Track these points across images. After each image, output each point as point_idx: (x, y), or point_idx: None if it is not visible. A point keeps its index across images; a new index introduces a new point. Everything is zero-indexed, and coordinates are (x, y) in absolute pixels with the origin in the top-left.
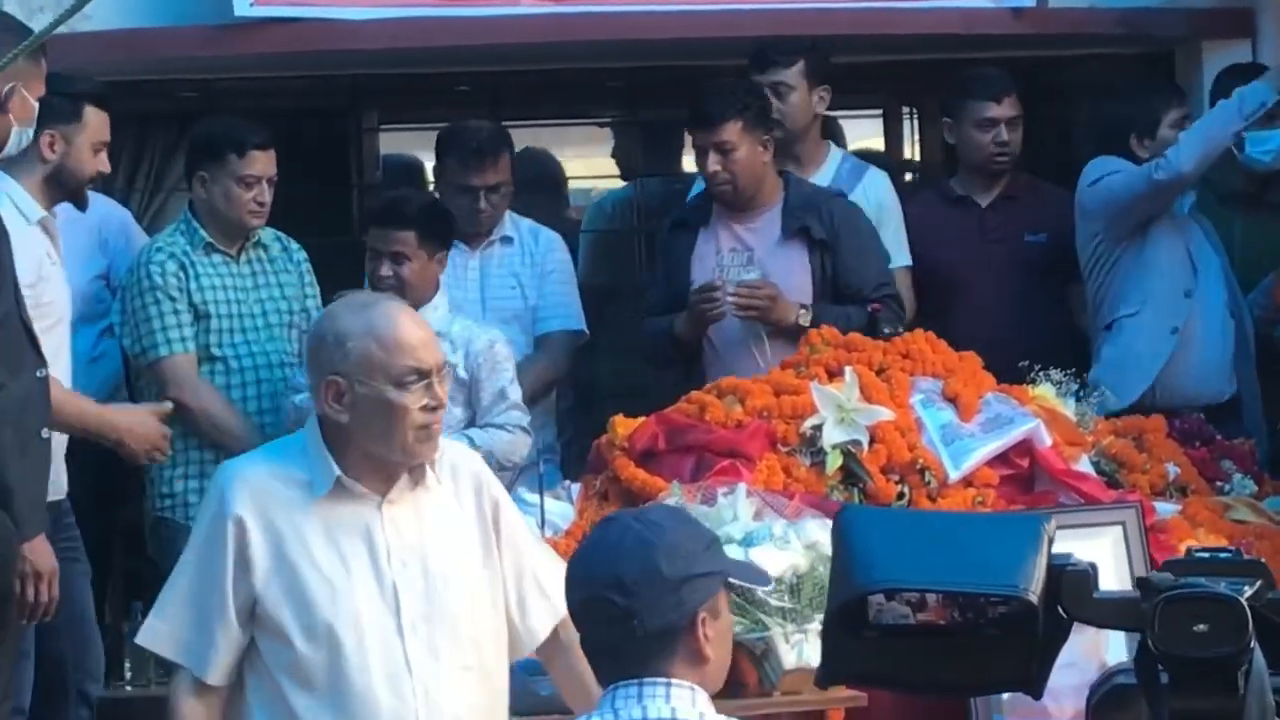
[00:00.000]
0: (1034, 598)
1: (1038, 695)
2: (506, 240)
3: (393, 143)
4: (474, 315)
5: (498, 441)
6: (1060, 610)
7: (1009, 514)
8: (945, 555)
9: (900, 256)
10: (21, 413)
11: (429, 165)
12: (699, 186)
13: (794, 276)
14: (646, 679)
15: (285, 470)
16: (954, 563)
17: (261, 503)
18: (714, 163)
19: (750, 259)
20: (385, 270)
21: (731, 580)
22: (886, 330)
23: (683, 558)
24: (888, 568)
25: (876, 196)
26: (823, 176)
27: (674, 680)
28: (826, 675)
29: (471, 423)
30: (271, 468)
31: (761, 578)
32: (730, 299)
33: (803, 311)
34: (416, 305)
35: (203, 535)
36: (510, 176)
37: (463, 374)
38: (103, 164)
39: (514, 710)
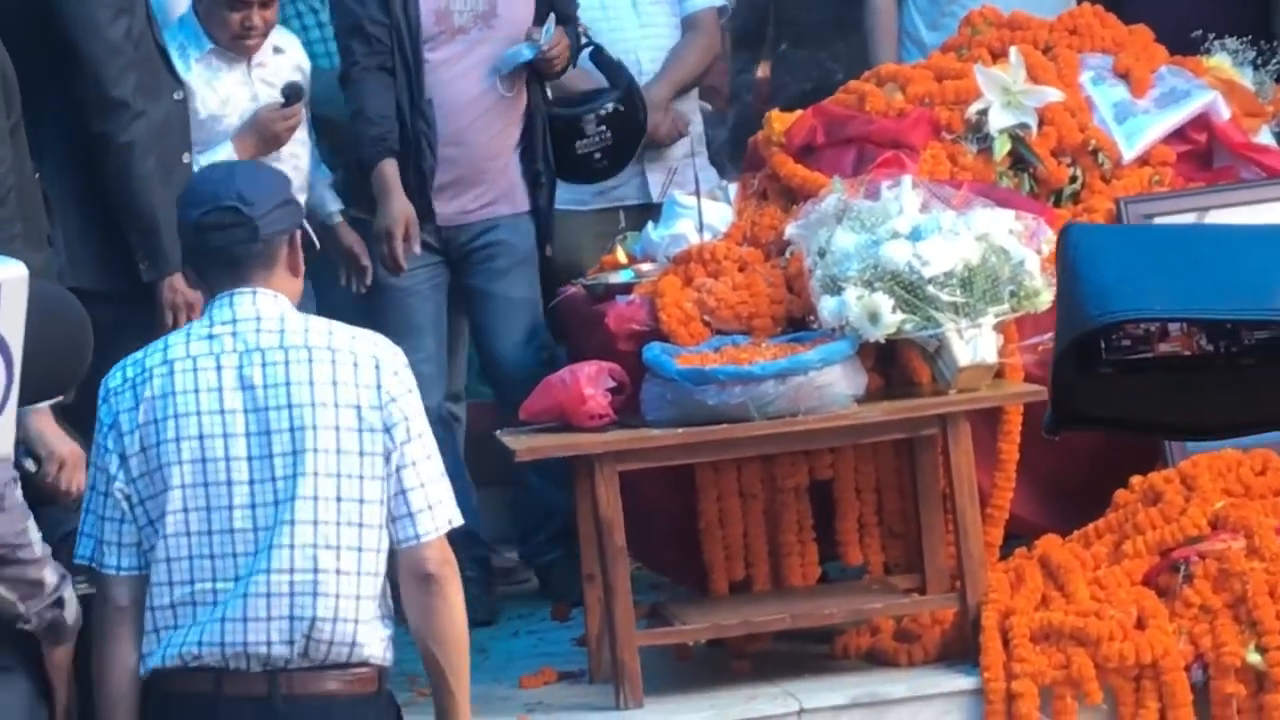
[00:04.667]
0: None
1: None
2: None
3: None
4: (620, 4)
5: None
6: None
7: (1263, 228)
8: (1191, 277)
9: None
10: (162, 139)
11: None
12: None
13: (519, 2)
14: (237, 288)
15: None
16: (1202, 286)
17: None
18: None
19: None
20: (257, 19)
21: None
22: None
23: (280, 184)
24: (1124, 295)
25: None
26: None
27: (259, 289)
28: (1057, 421)
29: None
30: None
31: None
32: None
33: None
34: None
35: None
36: None
37: None
38: None
39: (682, 420)
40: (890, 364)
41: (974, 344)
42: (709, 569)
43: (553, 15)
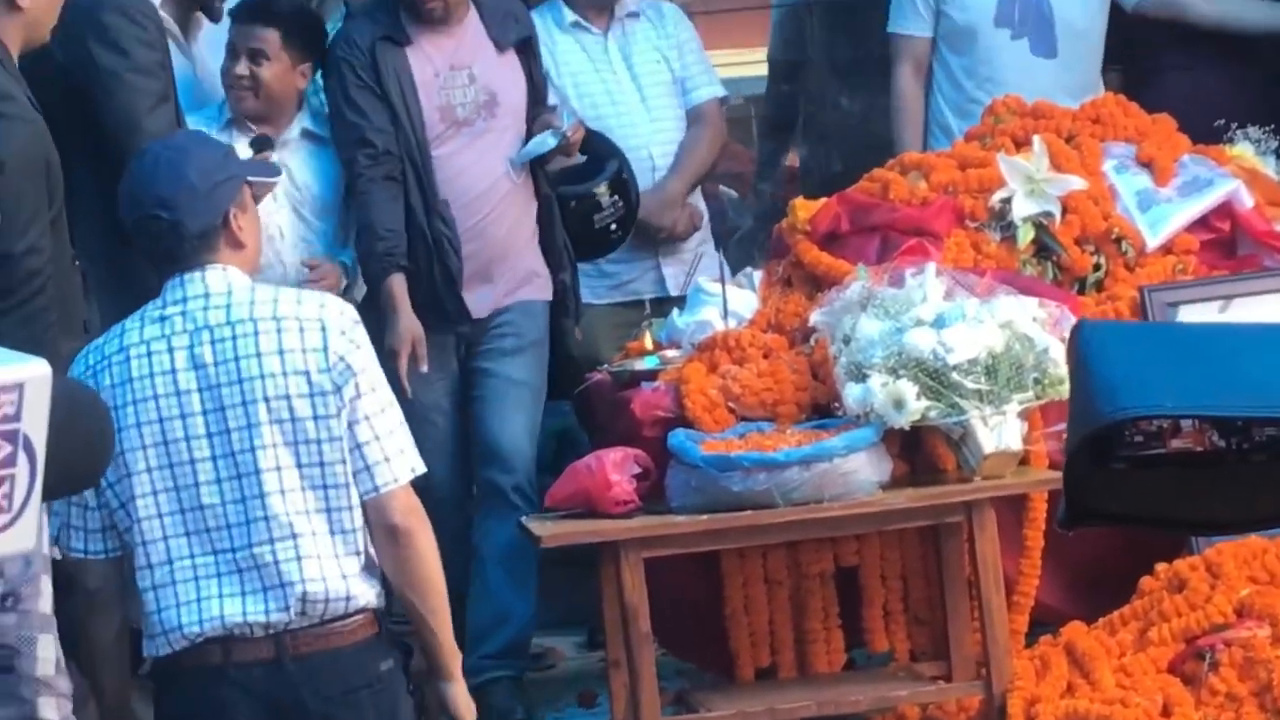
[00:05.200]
0: None
1: None
2: (633, 16)
3: None
4: (629, 99)
5: None
6: None
7: (1272, 326)
8: (1201, 374)
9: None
10: None
11: None
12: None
13: (515, 89)
14: (185, 271)
15: None
16: (1212, 383)
17: None
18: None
19: (471, 76)
20: (241, 69)
21: (254, 181)
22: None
23: (206, 169)
24: (1136, 391)
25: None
26: None
27: (208, 265)
28: (1071, 517)
29: None
30: None
31: (270, 169)
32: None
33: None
34: (274, 116)
35: None
36: None
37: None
38: None
39: (707, 507)
40: (915, 451)
41: (999, 431)
42: (734, 655)
43: (564, 101)
